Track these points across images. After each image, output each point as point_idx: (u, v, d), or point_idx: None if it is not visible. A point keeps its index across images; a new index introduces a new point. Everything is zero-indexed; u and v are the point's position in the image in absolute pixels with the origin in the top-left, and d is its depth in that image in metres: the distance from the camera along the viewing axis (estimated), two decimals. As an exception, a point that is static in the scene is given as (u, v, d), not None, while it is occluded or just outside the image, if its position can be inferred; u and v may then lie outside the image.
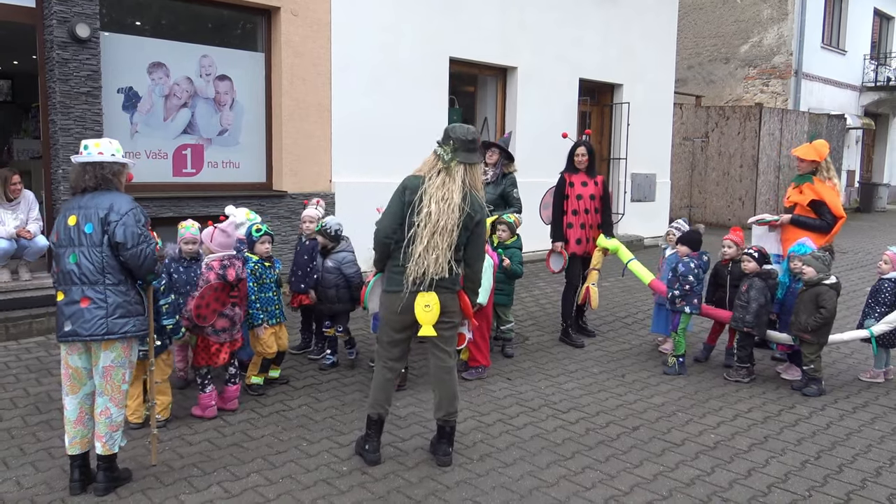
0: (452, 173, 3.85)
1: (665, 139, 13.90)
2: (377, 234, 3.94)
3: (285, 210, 8.29)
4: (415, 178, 3.90)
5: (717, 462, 4.18)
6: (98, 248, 3.52)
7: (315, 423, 4.61)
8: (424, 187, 3.82)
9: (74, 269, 3.51)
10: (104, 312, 3.51)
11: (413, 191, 3.84)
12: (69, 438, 3.65)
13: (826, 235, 5.91)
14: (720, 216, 16.36)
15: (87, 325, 3.49)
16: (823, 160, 6.03)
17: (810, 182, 6.02)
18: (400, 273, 3.89)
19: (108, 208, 3.53)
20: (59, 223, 3.61)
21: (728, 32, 21.02)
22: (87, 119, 6.75)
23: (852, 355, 6.34)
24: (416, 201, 3.81)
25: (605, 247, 6.44)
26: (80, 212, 3.55)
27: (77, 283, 3.51)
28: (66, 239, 3.55)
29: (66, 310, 3.52)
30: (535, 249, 9.58)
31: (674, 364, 5.79)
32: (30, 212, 6.69)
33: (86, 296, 3.50)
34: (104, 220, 3.52)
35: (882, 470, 4.12)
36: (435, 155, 3.89)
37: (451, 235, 3.81)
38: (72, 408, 3.65)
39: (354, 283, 5.52)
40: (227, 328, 4.61)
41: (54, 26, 6.52)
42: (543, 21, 10.98)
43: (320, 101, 8.54)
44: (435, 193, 3.80)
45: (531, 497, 3.72)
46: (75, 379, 3.64)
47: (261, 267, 5.10)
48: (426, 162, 3.96)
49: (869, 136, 25.23)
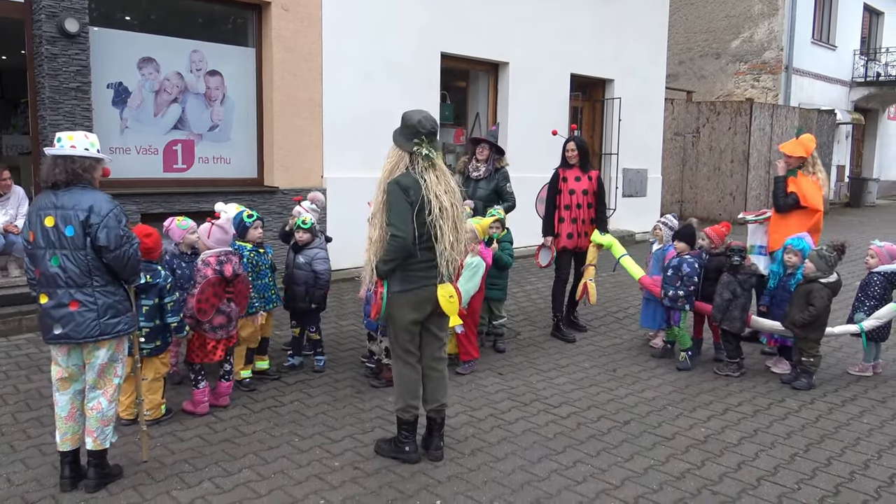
0: (438, 164, 3.88)
1: (656, 134, 13.93)
2: (400, 242, 3.74)
3: (276, 206, 8.27)
4: (406, 177, 3.83)
5: (708, 455, 4.21)
6: (82, 252, 3.46)
7: (307, 419, 4.62)
8: (426, 185, 3.79)
9: (59, 272, 3.45)
10: (95, 315, 3.50)
11: (416, 190, 3.79)
12: (60, 435, 3.64)
13: (778, 212, 6.08)
14: (711, 211, 16.41)
15: (79, 328, 3.47)
16: (810, 155, 6.08)
17: (794, 176, 6.12)
18: (418, 270, 3.86)
19: (88, 210, 3.45)
20: (34, 223, 3.50)
21: (719, 28, 21.07)
22: (76, 114, 6.71)
23: (841, 349, 6.38)
24: (422, 200, 3.77)
25: (599, 242, 6.46)
26: (57, 212, 3.46)
27: (63, 286, 3.46)
28: (45, 241, 3.46)
29: (55, 313, 3.47)
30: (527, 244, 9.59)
31: (685, 359, 5.83)
32: (19, 207, 6.66)
33: (75, 299, 3.46)
34: (85, 222, 3.44)
35: (870, 462, 4.16)
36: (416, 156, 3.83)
37: (463, 223, 3.96)
38: (63, 404, 3.64)
39: (322, 282, 5.36)
40: (223, 325, 4.60)
41: (43, 21, 6.47)
42: (535, 16, 10.98)
43: (311, 97, 8.52)
44: (437, 188, 3.81)
45: (523, 491, 3.74)
46: (67, 376, 3.62)
47: (256, 255, 5.13)
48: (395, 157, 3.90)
49: (859, 132, 25.33)
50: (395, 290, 3.90)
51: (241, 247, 5.05)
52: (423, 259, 3.86)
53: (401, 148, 3.89)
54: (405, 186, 3.78)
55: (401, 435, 4.06)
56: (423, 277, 3.88)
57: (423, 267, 3.88)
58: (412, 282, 3.88)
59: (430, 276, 3.89)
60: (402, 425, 4.04)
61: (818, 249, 5.35)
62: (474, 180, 6.61)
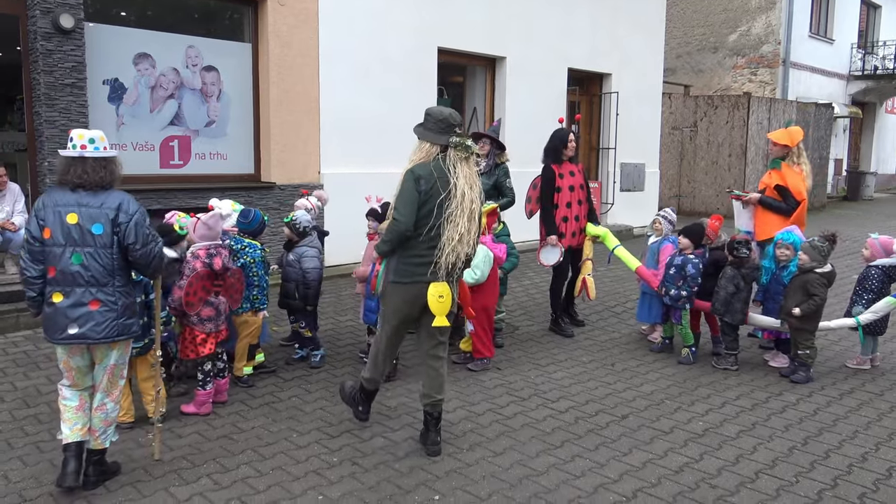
0: (470, 159, 3.90)
1: (654, 129, 13.92)
2: (398, 227, 3.81)
3: (273, 201, 8.25)
4: (423, 167, 3.85)
5: (706, 449, 4.21)
6: (108, 250, 3.46)
7: (305, 415, 4.61)
8: (456, 175, 3.81)
9: (80, 270, 3.42)
10: (115, 315, 3.49)
11: (427, 180, 3.80)
12: (69, 426, 3.55)
13: (788, 219, 6.06)
14: (709, 205, 16.40)
15: (99, 327, 3.44)
16: (795, 146, 6.16)
17: (778, 168, 6.18)
18: (414, 264, 3.87)
19: (117, 208, 3.46)
20: (51, 219, 3.43)
21: (716, 22, 21.04)
22: (72, 111, 6.69)
23: (839, 342, 6.39)
24: (439, 189, 3.79)
25: (594, 234, 6.46)
26: (82, 210, 3.42)
27: (84, 284, 3.43)
28: (66, 238, 3.42)
29: (71, 312, 3.42)
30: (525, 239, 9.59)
31: (687, 354, 5.83)
32: (15, 204, 6.64)
33: (96, 298, 3.44)
34: (114, 220, 3.45)
35: (868, 455, 4.16)
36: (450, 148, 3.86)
37: (479, 220, 3.97)
38: (71, 396, 3.60)
39: (310, 279, 5.34)
40: (212, 317, 4.56)
41: (38, 17, 6.45)
42: (532, 11, 10.96)
43: (308, 92, 8.49)
44: (462, 181, 3.82)
45: (521, 486, 3.74)
46: (78, 376, 3.60)
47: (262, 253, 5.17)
48: (423, 152, 3.93)
49: (856, 125, 25.36)
50: (390, 280, 3.98)
51: (252, 245, 5.08)
52: (420, 253, 3.86)
53: (433, 142, 3.89)
54: (418, 176, 3.82)
55: (360, 396, 4.29)
56: (417, 273, 3.88)
57: (418, 262, 3.87)
58: (405, 275, 3.91)
59: (423, 273, 3.87)
60: (363, 392, 4.27)
61: (811, 241, 5.37)
62: None
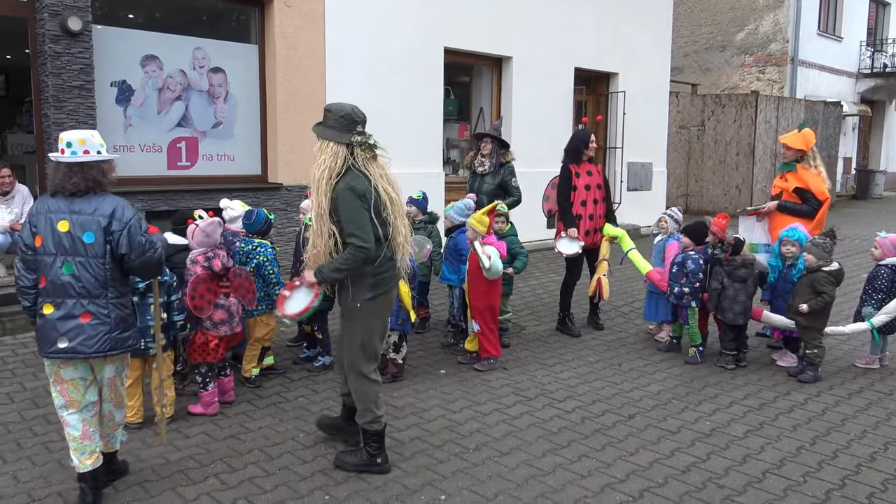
0: (378, 155, 3.73)
1: (661, 128, 13.88)
2: (365, 254, 3.57)
3: (280, 202, 8.27)
4: (358, 180, 3.60)
5: (713, 449, 4.20)
6: (101, 260, 3.29)
7: (312, 415, 4.61)
8: (374, 181, 3.63)
9: (72, 281, 3.25)
10: (108, 328, 3.31)
11: (369, 192, 3.59)
12: (77, 455, 3.38)
13: (812, 220, 5.95)
14: (717, 204, 16.33)
15: (90, 342, 3.27)
16: (810, 149, 6.07)
17: (793, 170, 6.10)
18: (385, 271, 3.76)
19: (110, 216, 3.28)
20: (43, 227, 3.28)
21: (724, 20, 20.96)
22: (80, 113, 6.73)
23: (848, 342, 6.35)
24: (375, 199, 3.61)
25: (612, 235, 6.47)
26: (73, 217, 3.26)
27: (75, 296, 3.26)
28: (57, 246, 3.26)
29: (61, 325, 3.25)
30: (532, 239, 9.58)
31: (694, 354, 5.82)
32: (24, 206, 6.67)
33: (87, 310, 3.27)
34: (107, 229, 3.27)
35: (877, 455, 4.14)
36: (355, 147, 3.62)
37: (405, 213, 3.87)
38: (74, 423, 3.40)
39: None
40: (225, 320, 4.57)
41: (46, 19, 6.49)
42: (538, 10, 10.94)
43: (315, 93, 8.51)
44: (382, 182, 3.68)
45: (527, 486, 3.74)
46: (73, 392, 3.39)
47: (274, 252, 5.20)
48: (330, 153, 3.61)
49: (865, 123, 25.20)
50: (367, 298, 3.71)
51: (263, 244, 5.10)
52: (386, 259, 3.75)
53: (336, 140, 3.60)
54: (360, 191, 3.57)
55: (370, 447, 3.84)
56: (390, 278, 3.81)
57: (388, 268, 3.78)
58: (383, 285, 3.75)
59: (392, 277, 3.83)
60: (373, 436, 3.83)
61: (812, 239, 5.36)
62: (480, 175, 6.60)
